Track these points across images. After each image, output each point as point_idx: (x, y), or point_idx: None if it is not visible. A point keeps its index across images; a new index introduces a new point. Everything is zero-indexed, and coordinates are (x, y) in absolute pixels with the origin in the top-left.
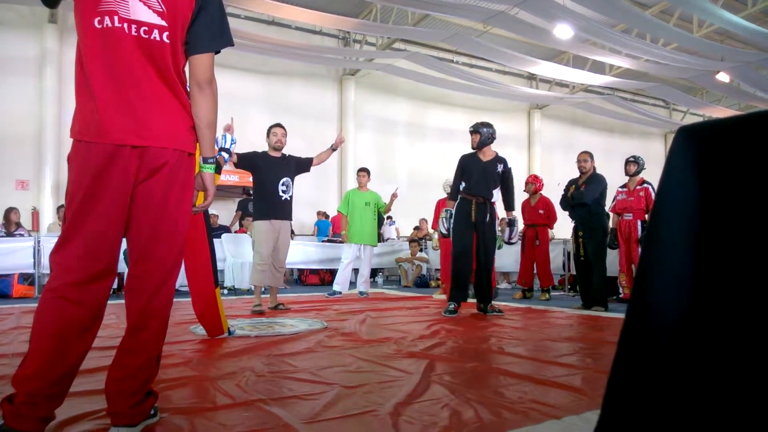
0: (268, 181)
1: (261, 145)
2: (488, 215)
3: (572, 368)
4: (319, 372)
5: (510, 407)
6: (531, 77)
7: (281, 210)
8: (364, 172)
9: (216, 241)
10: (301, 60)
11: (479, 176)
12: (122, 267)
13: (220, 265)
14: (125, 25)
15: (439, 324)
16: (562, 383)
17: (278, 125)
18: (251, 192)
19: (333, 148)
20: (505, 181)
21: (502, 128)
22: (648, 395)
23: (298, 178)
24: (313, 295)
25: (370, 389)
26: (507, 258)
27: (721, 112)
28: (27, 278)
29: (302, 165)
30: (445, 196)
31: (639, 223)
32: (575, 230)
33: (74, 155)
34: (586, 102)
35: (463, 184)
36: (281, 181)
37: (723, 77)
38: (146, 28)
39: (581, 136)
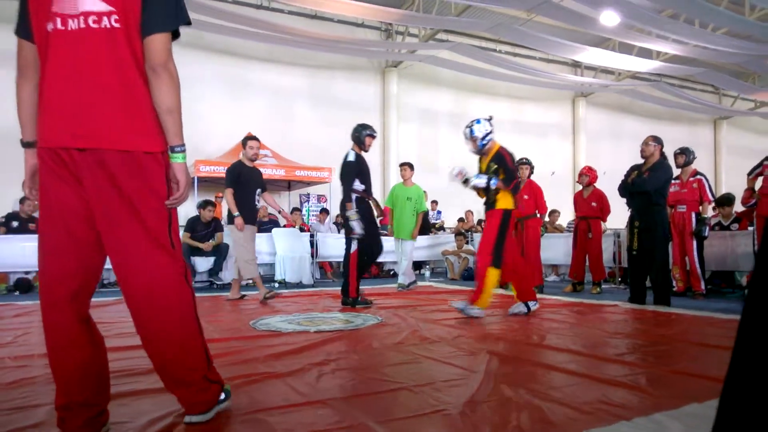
0: (248, 190)
1: (306, 137)
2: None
3: (634, 366)
4: (383, 369)
5: (577, 407)
6: (575, 65)
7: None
8: (405, 166)
9: (266, 235)
10: (344, 53)
11: (369, 178)
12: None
13: (269, 259)
14: (73, 21)
15: (492, 320)
16: (626, 382)
17: (256, 138)
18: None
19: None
20: None
21: (546, 117)
22: None
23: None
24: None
25: (436, 387)
26: (556, 250)
27: None
28: None
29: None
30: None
31: (693, 215)
32: (631, 220)
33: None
34: (633, 89)
35: (359, 185)
36: (257, 191)
37: None
38: (95, 18)
39: (628, 124)
